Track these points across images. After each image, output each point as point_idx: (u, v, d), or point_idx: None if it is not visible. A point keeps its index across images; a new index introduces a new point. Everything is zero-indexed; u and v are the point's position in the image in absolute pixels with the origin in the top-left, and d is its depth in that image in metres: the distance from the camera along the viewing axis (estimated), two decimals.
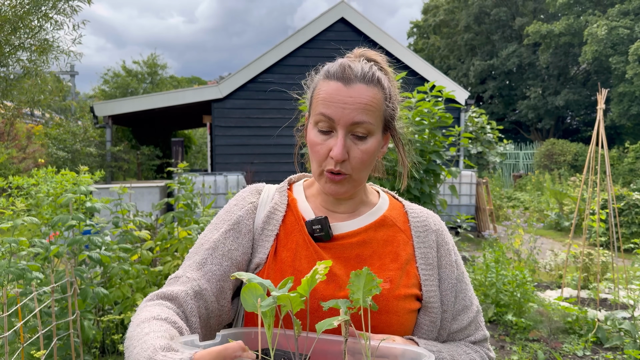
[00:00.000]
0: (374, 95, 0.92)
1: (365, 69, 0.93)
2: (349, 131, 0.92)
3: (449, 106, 4.30)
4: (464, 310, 1.01)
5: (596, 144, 4.18)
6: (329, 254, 0.96)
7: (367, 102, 0.91)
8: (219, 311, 0.94)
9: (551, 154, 17.97)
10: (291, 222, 1.01)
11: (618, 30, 19.29)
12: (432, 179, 3.56)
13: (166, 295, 0.88)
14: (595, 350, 3.54)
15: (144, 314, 0.80)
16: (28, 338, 2.42)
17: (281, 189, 1.08)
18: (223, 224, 1.01)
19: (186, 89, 9.63)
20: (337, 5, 9.06)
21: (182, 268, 0.97)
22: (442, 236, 1.04)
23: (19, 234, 3.21)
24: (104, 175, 3.68)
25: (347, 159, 0.92)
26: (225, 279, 0.95)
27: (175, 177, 5.17)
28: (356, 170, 0.94)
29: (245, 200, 1.05)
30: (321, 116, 0.92)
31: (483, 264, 4.35)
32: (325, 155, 0.93)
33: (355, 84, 0.91)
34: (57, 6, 5.12)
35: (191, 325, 0.88)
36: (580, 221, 6.56)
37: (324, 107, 0.91)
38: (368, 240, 0.99)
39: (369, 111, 0.91)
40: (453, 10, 29.46)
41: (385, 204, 1.07)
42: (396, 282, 0.95)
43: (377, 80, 0.94)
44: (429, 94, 3.51)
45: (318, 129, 0.94)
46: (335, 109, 0.90)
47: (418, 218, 1.04)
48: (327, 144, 0.92)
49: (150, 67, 22.81)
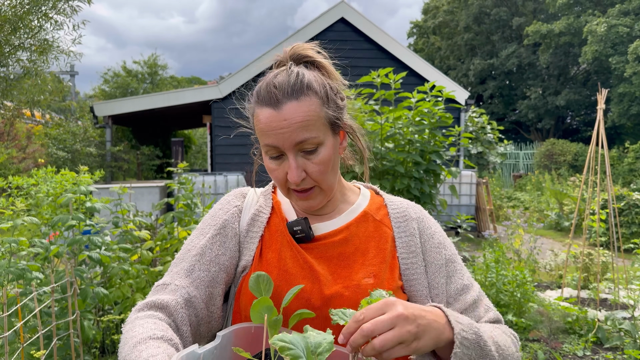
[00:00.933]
0: (307, 108, 0.89)
1: (292, 80, 0.89)
2: (298, 150, 0.90)
3: (449, 106, 4.30)
4: (464, 290, 0.99)
5: (596, 144, 4.18)
6: (311, 255, 0.97)
7: (301, 119, 0.88)
8: (208, 318, 0.94)
9: (551, 154, 17.97)
10: (275, 224, 1.01)
11: (618, 28, 19.29)
12: (432, 179, 3.56)
13: (156, 304, 0.86)
14: (595, 350, 3.53)
15: (138, 330, 0.77)
16: (28, 338, 2.42)
17: (266, 192, 1.08)
18: (209, 229, 1.00)
19: (186, 89, 9.64)
20: (337, 5, 9.06)
21: (169, 275, 0.95)
22: (424, 222, 1.04)
23: (19, 234, 3.21)
24: (104, 175, 3.69)
25: (306, 176, 0.92)
26: (214, 285, 0.95)
27: (175, 177, 5.17)
28: (319, 180, 0.93)
29: (230, 204, 1.05)
30: (266, 146, 0.92)
31: (483, 264, 4.34)
32: (284, 179, 0.93)
33: (285, 105, 0.88)
34: (57, 6, 5.13)
35: (182, 335, 0.87)
36: (580, 221, 6.56)
37: (265, 138, 0.91)
38: (350, 237, 0.99)
39: (308, 126, 0.88)
40: (453, 11, 29.46)
41: (365, 200, 1.07)
42: (380, 276, 0.94)
43: (306, 88, 0.89)
44: (429, 94, 3.51)
45: (269, 157, 0.93)
46: (275, 137, 0.89)
47: (397, 209, 1.04)
48: (282, 168, 0.92)
49: (150, 67, 22.82)
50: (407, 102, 3.47)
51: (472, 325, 0.83)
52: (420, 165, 3.40)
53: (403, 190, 3.34)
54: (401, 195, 3.35)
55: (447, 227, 7.15)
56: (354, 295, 0.91)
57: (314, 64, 0.97)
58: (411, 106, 3.50)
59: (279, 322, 0.76)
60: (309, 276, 0.94)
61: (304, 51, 0.97)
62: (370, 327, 0.69)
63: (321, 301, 0.91)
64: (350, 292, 0.92)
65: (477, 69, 27.23)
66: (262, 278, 0.79)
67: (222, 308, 0.98)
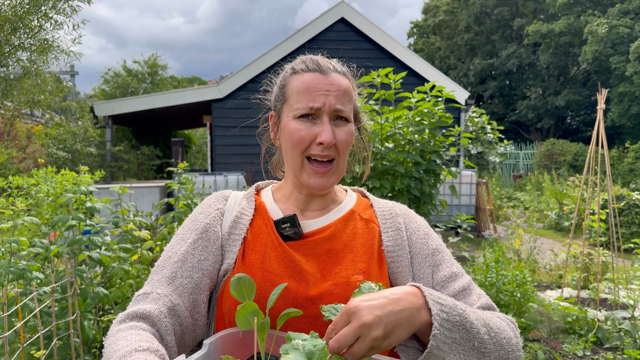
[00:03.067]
0: (348, 85, 0.99)
1: (334, 61, 1.01)
2: (334, 116, 0.95)
3: (449, 106, 4.30)
4: (452, 278, 0.96)
5: (596, 144, 4.17)
6: (299, 252, 0.95)
7: (345, 89, 0.96)
8: (193, 326, 0.92)
9: (551, 154, 17.97)
10: (259, 225, 1.00)
11: (618, 29, 19.28)
12: (432, 179, 3.56)
13: (138, 314, 0.83)
14: (595, 350, 3.53)
15: (121, 343, 0.73)
16: (28, 338, 2.42)
17: (248, 195, 1.07)
18: (190, 234, 0.98)
19: (186, 89, 9.63)
20: (337, 5, 9.06)
21: (150, 284, 0.91)
22: (409, 217, 1.05)
23: (19, 234, 3.21)
24: (104, 175, 3.68)
25: (334, 143, 0.95)
26: (198, 292, 0.92)
27: (175, 177, 5.17)
28: (342, 152, 0.97)
29: (211, 208, 1.03)
30: (302, 106, 0.94)
31: (483, 264, 4.34)
32: (309, 142, 0.94)
33: (331, 73, 0.97)
34: (57, 6, 5.12)
35: (167, 345, 0.83)
36: (580, 221, 6.56)
37: (304, 97, 0.94)
38: (337, 233, 0.98)
39: (347, 99, 0.97)
40: (453, 10, 29.45)
41: (352, 200, 1.08)
42: (370, 272, 0.94)
43: (345, 72, 1.01)
44: (428, 94, 3.51)
45: (300, 119, 0.95)
46: (319, 96, 0.93)
47: (383, 207, 1.06)
48: (312, 131, 0.94)
49: (150, 67, 22.81)
50: (407, 102, 3.47)
51: (455, 306, 0.78)
52: (420, 165, 3.40)
53: (403, 190, 3.34)
54: (401, 195, 3.36)
55: (447, 227, 7.15)
56: (344, 293, 0.90)
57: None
58: (411, 106, 3.49)
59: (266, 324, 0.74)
60: (295, 275, 0.92)
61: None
62: (335, 345, 0.68)
63: (309, 299, 0.90)
64: (340, 289, 0.91)
65: (477, 69, 27.22)
66: (244, 280, 0.76)
67: (207, 315, 0.96)
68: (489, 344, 0.80)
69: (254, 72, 8.92)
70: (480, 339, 0.79)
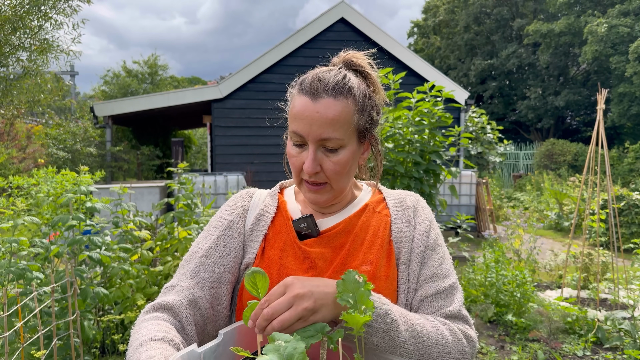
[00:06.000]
0: (341, 109, 0.91)
1: (337, 79, 0.92)
2: (320, 145, 0.93)
3: (448, 106, 4.30)
4: (432, 279, 0.97)
5: (596, 144, 4.18)
6: (315, 248, 0.99)
7: (332, 117, 0.90)
8: (214, 317, 0.97)
9: (551, 154, 17.97)
10: (280, 223, 1.04)
11: (618, 29, 19.28)
12: (432, 179, 3.56)
13: (162, 305, 0.91)
14: (595, 350, 3.54)
15: (142, 332, 0.82)
16: (28, 338, 2.43)
17: (272, 193, 1.11)
18: (215, 231, 1.04)
19: (186, 89, 9.62)
20: (337, 6, 9.06)
21: (177, 277, 0.99)
22: (418, 210, 1.06)
23: (19, 234, 3.21)
24: (104, 175, 3.69)
25: (321, 171, 0.95)
26: (219, 285, 0.98)
27: (175, 177, 5.17)
28: (332, 179, 0.96)
29: (235, 205, 1.08)
30: (293, 132, 0.95)
31: (483, 264, 4.35)
32: (300, 167, 0.96)
33: (323, 99, 0.91)
34: (57, 6, 5.13)
35: (187, 334, 0.91)
36: (580, 221, 6.56)
37: (294, 124, 0.94)
38: (350, 227, 1.01)
39: (336, 125, 0.91)
40: (453, 10, 29.45)
41: (367, 195, 1.10)
42: (378, 263, 0.97)
43: (347, 90, 0.92)
44: (428, 94, 3.51)
45: (293, 143, 0.96)
46: (304, 125, 0.92)
47: (395, 199, 1.08)
48: (301, 157, 0.95)
49: (150, 67, 22.78)
50: (407, 102, 3.47)
51: (387, 314, 0.83)
52: (420, 166, 3.40)
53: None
54: None
55: (447, 227, 7.15)
56: None
57: (363, 74, 1.00)
58: (411, 106, 3.50)
59: None
60: (308, 270, 0.97)
61: (358, 60, 1.00)
62: (269, 312, 0.75)
63: None
64: None
65: (477, 69, 27.22)
66: (259, 274, 0.80)
67: (229, 307, 1.01)
68: (414, 354, 0.85)
69: (254, 72, 8.92)
70: (405, 349, 0.84)
